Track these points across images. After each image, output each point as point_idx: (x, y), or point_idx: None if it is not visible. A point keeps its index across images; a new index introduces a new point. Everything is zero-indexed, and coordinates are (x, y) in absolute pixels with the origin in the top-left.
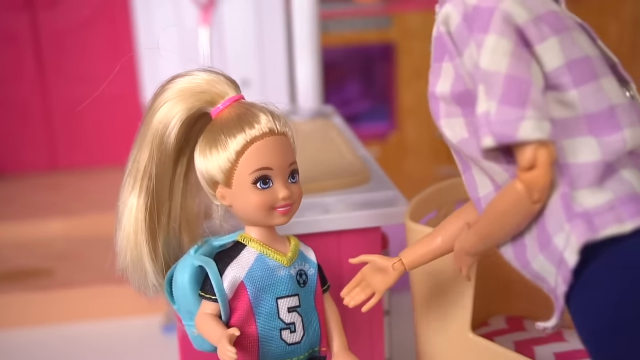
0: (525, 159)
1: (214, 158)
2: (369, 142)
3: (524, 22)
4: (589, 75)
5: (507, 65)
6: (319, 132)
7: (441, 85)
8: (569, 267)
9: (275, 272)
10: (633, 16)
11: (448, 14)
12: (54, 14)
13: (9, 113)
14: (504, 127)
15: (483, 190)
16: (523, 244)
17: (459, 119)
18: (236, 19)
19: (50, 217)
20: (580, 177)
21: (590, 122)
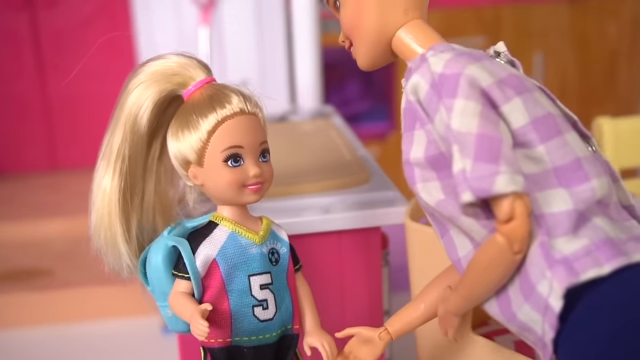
0: (503, 212)
1: (186, 138)
2: (369, 142)
3: (488, 85)
4: (554, 131)
5: (477, 125)
6: (319, 132)
7: (415, 152)
8: (555, 312)
9: (247, 250)
10: (633, 16)
11: (417, 83)
12: (54, 13)
13: (9, 113)
14: (480, 182)
15: (462, 250)
16: (507, 296)
17: (434, 182)
18: (236, 19)
19: (49, 217)
20: (556, 226)
21: (559, 174)
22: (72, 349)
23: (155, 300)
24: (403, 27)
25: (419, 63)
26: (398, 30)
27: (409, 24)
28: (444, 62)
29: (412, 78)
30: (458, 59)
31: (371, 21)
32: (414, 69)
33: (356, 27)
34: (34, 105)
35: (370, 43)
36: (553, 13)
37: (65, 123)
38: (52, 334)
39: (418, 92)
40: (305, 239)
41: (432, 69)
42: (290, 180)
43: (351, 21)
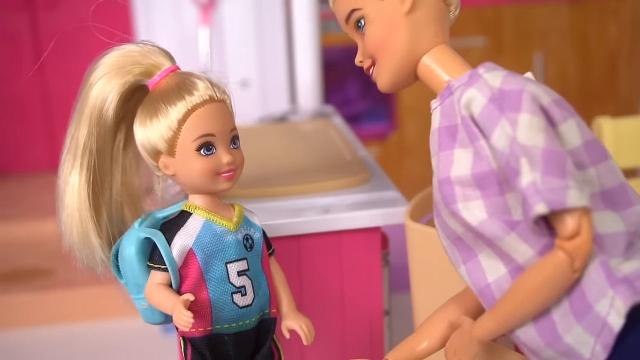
0: (569, 227)
1: (155, 127)
2: (369, 142)
3: (548, 103)
4: (601, 155)
5: (544, 140)
6: (319, 132)
7: (457, 170)
8: (613, 332)
9: (223, 238)
10: (633, 16)
11: (472, 97)
12: (54, 14)
13: (10, 113)
14: (553, 195)
15: (493, 275)
16: (550, 320)
17: (478, 202)
18: (236, 19)
19: (50, 217)
20: (613, 246)
21: (606, 198)
22: (72, 349)
23: (128, 293)
24: (430, 52)
25: (467, 80)
26: (426, 53)
27: (436, 48)
28: (501, 79)
29: (467, 92)
30: (514, 76)
31: (403, 41)
32: (462, 86)
33: (385, 47)
34: (34, 105)
35: (397, 64)
36: (553, 13)
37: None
38: (53, 334)
39: (472, 106)
40: (305, 239)
41: (491, 84)
42: (291, 180)
43: (379, 41)
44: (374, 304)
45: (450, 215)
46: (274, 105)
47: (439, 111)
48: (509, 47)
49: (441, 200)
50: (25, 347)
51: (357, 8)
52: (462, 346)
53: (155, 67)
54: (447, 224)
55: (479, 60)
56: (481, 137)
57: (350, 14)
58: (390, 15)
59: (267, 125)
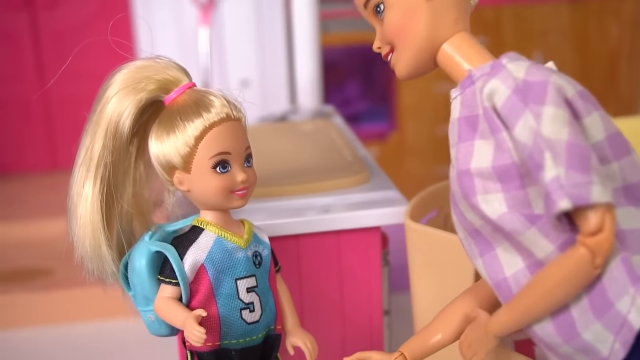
0: (592, 223)
1: (171, 143)
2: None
3: (572, 95)
4: (625, 149)
5: (568, 133)
6: (320, 131)
7: (477, 162)
8: (633, 329)
9: (234, 254)
10: (633, 16)
11: (495, 88)
12: (54, 14)
13: (10, 113)
14: (578, 190)
15: (510, 269)
16: (569, 316)
17: (498, 195)
18: (236, 19)
19: (51, 217)
20: (636, 242)
21: (627, 193)
22: (72, 349)
23: (135, 305)
24: (451, 39)
25: (490, 70)
26: (446, 40)
27: (456, 36)
28: (525, 69)
29: (490, 83)
30: (538, 67)
31: (423, 27)
32: (484, 76)
33: (404, 32)
34: (34, 105)
35: (417, 50)
36: (553, 13)
37: (66, 123)
38: (53, 334)
39: (495, 97)
40: (305, 238)
41: (515, 75)
42: (291, 179)
43: (399, 26)
44: (373, 303)
45: (469, 207)
46: (274, 106)
47: (459, 100)
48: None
49: (460, 191)
50: (26, 347)
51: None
52: (477, 339)
53: (172, 82)
54: (465, 216)
55: None
56: (503, 129)
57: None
58: (410, 1)
59: (267, 125)
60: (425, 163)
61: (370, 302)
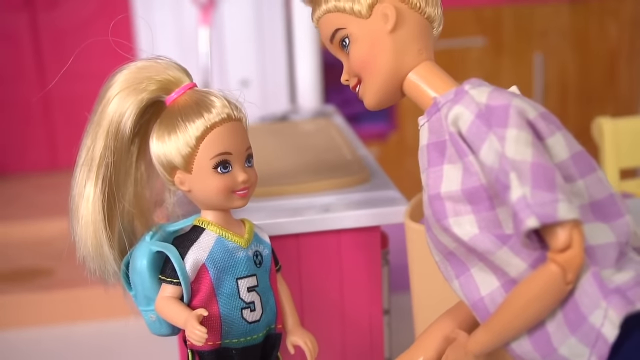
0: (561, 240)
1: (172, 143)
2: (369, 142)
3: (534, 117)
4: (589, 167)
5: (532, 154)
6: (320, 131)
7: (447, 186)
8: (608, 343)
9: (235, 254)
10: (633, 16)
11: (459, 114)
12: (54, 14)
13: (10, 113)
14: (543, 209)
15: (486, 289)
16: (545, 332)
17: (469, 217)
18: (236, 19)
19: (51, 217)
20: (605, 257)
21: (595, 210)
22: (72, 349)
23: (136, 304)
24: (416, 69)
25: (454, 97)
26: (411, 70)
27: (421, 65)
28: (487, 94)
29: (454, 109)
30: (500, 92)
31: (387, 59)
32: (448, 102)
33: (370, 65)
34: (35, 106)
35: (383, 82)
36: (553, 13)
37: (66, 123)
38: (53, 334)
39: (459, 122)
40: (305, 237)
41: (477, 100)
42: (291, 179)
43: (364, 59)
44: (373, 303)
45: (441, 230)
46: (274, 106)
47: (426, 127)
48: (509, 47)
49: (432, 215)
50: (26, 347)
51: (341, 27)
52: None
53: (173, 83)
54: (439, 239)
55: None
56: (470, 153)
57: (334, 33)
58: (374, 34)
59: (267, 124)
60: None
61: (370, 301)
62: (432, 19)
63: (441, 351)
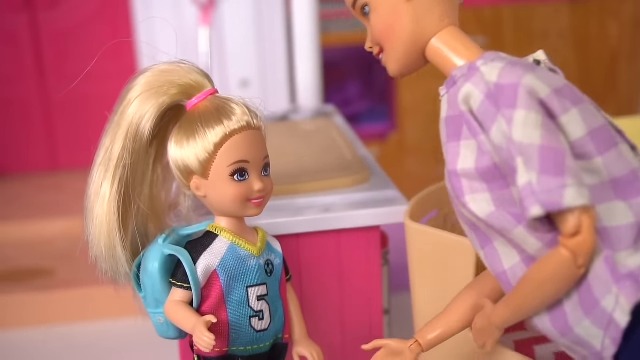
0: (570, 226)
1: (191, 149)
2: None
3: (546, 95)
4: (610, 142)
5: (540, 137)
6: (320, 131)
7: (463, 163)
8: (620, 328)
9: (246, 262)
10: (633, 16)
11: (469, 93)
12: (54, 14)
13: (10, 113)
14: (549, 196)
15: (508, 262)
16: (562, 311)
17: (485, 194)
18: (236, 19)
19: (51, 217)
20: (619, 239)
21: (616, 187)
22: (72, 349)
23: (145, 306)
24: (438, 35)
25: (467, 72)
26: (433, 37)
27: (444, 31)
28: (498, 72)
29: (464, 87)
30: (512, 69)
31: (407, 27)
32: (462, 77)
33: (390, 33)
34: (34, 105)
35: (404, 49)
36: (554, 13)
37: (66, 124)
38: (53, 334)
39: (471, 102)
40: (305, 237)
41: (487, 79)
42: (291, 179)
43: (384, 27)
44: (373, 303)
45: (461, 206)
46: (274, 106)
47: (446, 99)
48: (509, 47)
49: (452, 191)
50: (25, 347)
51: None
52: (484, 329)
53: (194, 88)
54: (462, 212)
55: None
56: (481, 132)
57: (355, 0)
58: (393, 2)
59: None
60: (425, 163)
61: (370, 301)
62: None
63: (471, 318)
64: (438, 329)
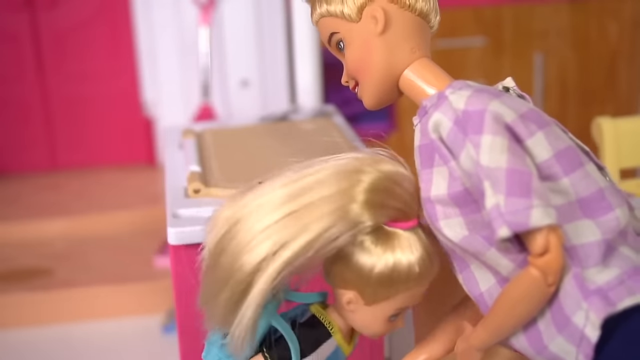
0: (538, 245)
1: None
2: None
3: (512, 120)
4: (576, 163)
5: (507, 160)
6: (321, 131)
7: (436, 189)
8: (591, 343)
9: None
10: (633, 17)
11: (438, 121)
12: (54, 14)
13: (10, 113)
14: (516, 217)
15: (484, 284)
16: (536, 329)
17: (458, 219)
18: (236, 19)
19: (50, 217)
20: (588, 257)
21: (583, 206)
22: (72, 349)
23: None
24: (410, 67)
25: (436, 101)
26: (405, 69)
27: (415, 63)
28: (465, 99)
29: (433, 116)
30: (478, 96)
31: (379, 61)
32: (432, 107)
33: (363, 67)
34: (34, 105)
35: (377, 82)
36: (553, 13)
37: (66, 124)
38: (52, 334)
39: (440, 129)
40: None
41: (455, 106)
42: None
43: (358, 61)
44: None
45: (436, 231)
46: (274, 106)
47: (419, 129)
48: (509, 47)
49: (427, 217)
50: (25, 347)
51: (335, 32)
52: (465, 352)
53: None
54: (439, 237)
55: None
56: (452, 159)
57: (330, 36)
58: (365, 37)
59: (268, 124)
60: None
61: None
62: (426, 13)
63: (454, 341)
64: (423, 354)
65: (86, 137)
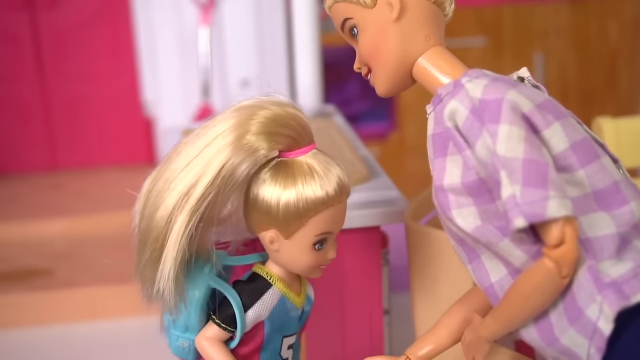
0: (553, 237)
1: (282, 204)
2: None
3: (529, 110)
4: (592, 155)
5: (523, 150)
6: (320, 131)
7: (449, 178)
8: (604, 336)
9: (290, 313)
10: (633, 17)
11: (455, 109)
12: (54, 14)
13: (10, 113)
14: (532, 208)
15: (495, 276)
16: (548, 322)
17: (471, 208)
18: (236, 19)
19: (50, 217)
20: (602, 249)
21: (598, 198)
22: (72, 349)
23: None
24: (425, 54)
25: (452, 89)
26: (419, 56)
27: (430, 50)
28: (482, 88)
29: (449, 104)
30: (496, 85)
31: (393, 48)
32: (447, 95)
33: (377, 53)
34: (34, 105)
35: (391, 70)
36: (553, 13)
37: (66, 123)
38: (52, 334)
39: (456, 118)
40: None
41: (471, 95)
42: None
43: (372, 47)
44: (373, 303)
45: (448, 220)
46: None
47: (432, 117)
48: (509, 47)
49: (438, 206)
50: (25, 347)
51: (349, 17)
52: (473, 342)
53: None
54: (449, 226)
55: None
56: (467, 147)
57: (343, 22)
58: (380, 23)
59: None
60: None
61: (370, 301)
62: (441, 1)
63: (461, 332)
64: (429, 344)
65: (86, 137)
